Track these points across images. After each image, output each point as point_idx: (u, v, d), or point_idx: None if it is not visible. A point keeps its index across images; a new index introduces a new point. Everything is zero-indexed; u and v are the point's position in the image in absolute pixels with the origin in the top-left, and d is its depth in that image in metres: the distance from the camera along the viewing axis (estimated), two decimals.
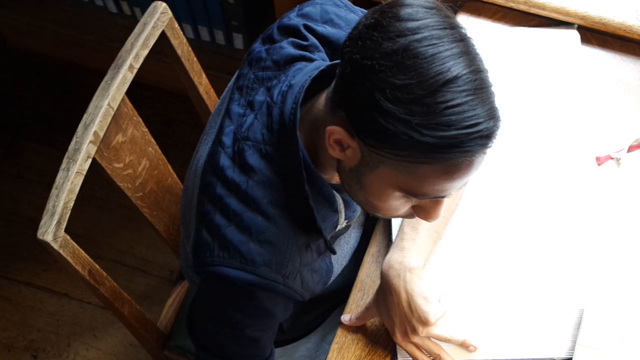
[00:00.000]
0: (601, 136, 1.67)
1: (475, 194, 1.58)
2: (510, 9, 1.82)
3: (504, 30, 1.80)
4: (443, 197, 1.12)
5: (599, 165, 1.64)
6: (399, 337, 1.43)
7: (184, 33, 1.66)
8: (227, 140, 1.26)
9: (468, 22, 1.80)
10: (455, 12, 1.83)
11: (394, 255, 1.43)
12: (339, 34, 1.33)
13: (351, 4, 1.41)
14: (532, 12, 1.80)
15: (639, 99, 1.71)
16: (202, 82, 1.78)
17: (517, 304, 1.48)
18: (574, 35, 1.77)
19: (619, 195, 1.60)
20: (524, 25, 1.79)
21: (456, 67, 0.98)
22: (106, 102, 1.45)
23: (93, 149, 1.44)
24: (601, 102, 1.71)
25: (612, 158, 1.65)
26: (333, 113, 1.11)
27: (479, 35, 1.71)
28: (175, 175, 1.78)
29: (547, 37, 1.78)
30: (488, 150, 1.05)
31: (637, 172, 1.63)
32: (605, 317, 1.44)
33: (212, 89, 1.83)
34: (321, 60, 1.30)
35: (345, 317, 1.51)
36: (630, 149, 1.66)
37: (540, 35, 1.78)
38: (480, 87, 1.00)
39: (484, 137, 1.01)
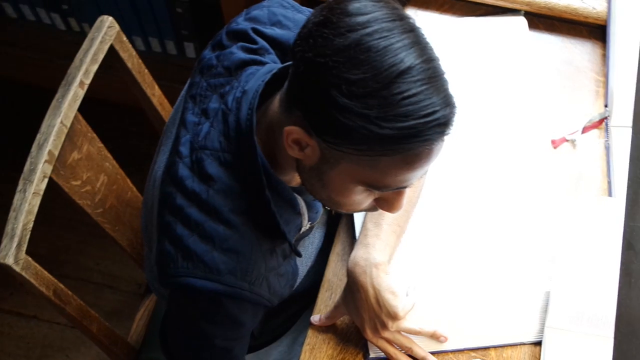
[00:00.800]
0: (555, 119, 1.68)
1: (435, 184, 1.59)
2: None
3: (452, 21, 1.81)
4: (405, 187, 1.12)
5: (554, 148, 1.65)
6: (369, 333, 1.43)
7: (134, 46, 1.66)
8: (184, 150, 1.25)
9: (416, 16, 1.81)
10: (403, 6, 1.84)
11: (358, 252, 1.44)
12: (288, 35, 1.33)
13: (298, 5, 1.41)
14: (478, 1, 1.81)
15: (589, 80, 1.73)
16: (155, 93, 1.77)
17: (484, 292, 1.49)
18: (521, 21, 1.79)
19: (576, 176, 1.62)
20: (471, 15, 1.81)
21: (409, 58, 0.99)
22: (59, 120, 1.44)
23: (49, 169, 1.43)
24: (553, 86, 1.73)
25: (567, 140, 1.66)
26: (289, 113, 1.11)
27: (428, 28, 1.74)
28: (135, 189, 1.77)
29: (495, 25, 1.79)
30: (446, 138, 1.06)
31: (592, 153, 1.65)
32: (571, 298, 1.45)
33: (165, 100, 1.82)
34: (273, 63, 1.29)
35: (315, 318, 1.51)
36: (585, 130, 1.67)
37: (488, 23, 1.80)
38: (433, 75, 1.01)
39: (442, 125, 1.02)
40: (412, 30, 1.02)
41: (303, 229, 1.38)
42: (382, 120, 0.99)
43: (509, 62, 1.74)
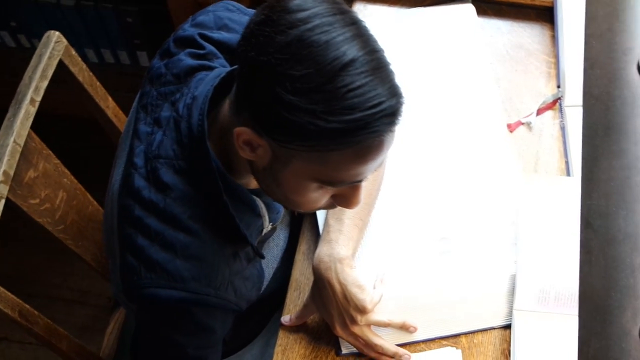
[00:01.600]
0: (510, 104, 1.70)
1: (396, 175, 1.59)
2: None
3: (402, 13, 1.81)
4: (360, 181, 1.12)
5: (511, 132, 1.66)
6: (339, 329, 1.43)
7: (87, 58, 1.65)
8: (139, 160, 1.24)
9: (365, 11, 1.81)
10: (352, 1, 1.84)
11: (322, 249, 1.44)
12: (235, 38, 1.33)
13: (243, 7, 1.41)
14: None
15: (540, 62, 1.75)
16: (109, 105, 1.76)
17: (451, 280, 1.50)
18: (469, 8, 1.80)
19: (534, 158, 1.63)
20: (420, 6, 1.81)
21: (351, 50, 0.99)
22: (11, 139, 1.43)
23: (5, 189, 1.42)
24: (505, 70, 1.74)
25: (522, 123, 1.67)
26: (238, 115, 1.11)
27: (378, 22, 1.74)
28: (95, 203, 1.76)
29: (444, 14, 1.80)
30: (397, 128, 1.06)
31: (548, 134, 1.66)
32: (536, 279, 1.46)
33: (120, 112, 1.81)
34: (221, 67, 1.29)
35: (285, 318, 1.51)
36: (539, 111, 1.69)
37: (437, 13, 1.81)
38: (377, 67, 1.01)
39: (389, 115, 1.02)
40: (353, 23, 1.02)
41: (265, 231, 1.37)
42: (329, 114, 0.99)
43: (460, 50, 1.75)
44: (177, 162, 1.21)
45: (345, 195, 1.17)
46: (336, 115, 0.99)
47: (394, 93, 1.02)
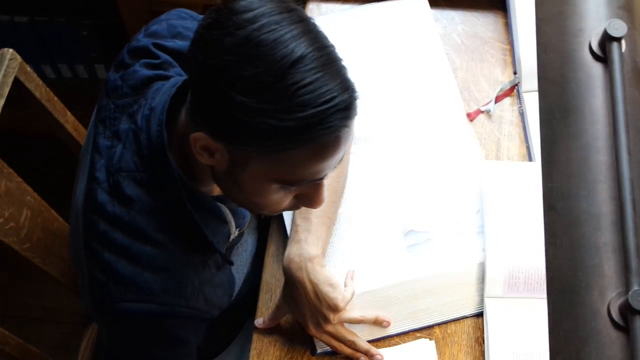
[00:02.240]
0: (468, 93, 1.71)
1: (358, 172, 1.59)
2: None
3: (355, 10, 1.81)
4: (320, 179, 1.12)
5: (471, 121, 1.67)
6: (312, 329, 1.43)
7: (44, 74, 1.64)
8: (101, 175, 1.24)
9: (319, 9, 1.81)
10: (306, 2, 1.84)
11: (292, 249, 1.44)
12: None
13: (195, 14, 1.41)
14: None
15: (495, 50, 1.76)
16: (68, 120, 1.75)
17: (421, 272, 1.50)
18: (422, 1, 1.81)
19: (495, 145, 1.64)
20: (373, 1, 1.81)
21: (299, 48, 0.99)
22: None
23: None
24: (461, 60, 1.75)
25: (482, 111, 1.69)
26: (194, 121, 1.11)
27: (332, 20, 1.75)
28: (61, 219, 1.75)
29: (397, 8, 1.81)
30: (356, 124, 1.07)
31: (508, 120, 1.67)
32: (505, 266, 1.47)
33: (80, 125, 1.80)
34: (177, 76, 1.29)
35: (259, 321, 1.50)
36: (498, 99, 1.70)
37: (391, 8, 1.81)
38: (327, 62, 1.01)
39: (343, 110, 1.02)
40: (301, 21, 1.02)
41: (232, 237, 1.37)
42: (281, 112, 0.99)
43: (415, 43, 1.75)
44: (139, 174, 1.21)
45: (308, 194, 1.17)
46: (289, 114, 0.99)
47: (346, 87, 1.02)
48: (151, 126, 1.19)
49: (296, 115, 0.99)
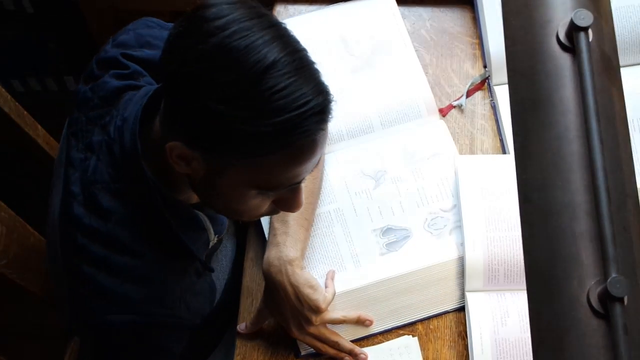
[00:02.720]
0: (440, 89, 1.71)
1: (334, 172, 1.59)
2: None
3: (323, 10, 1.81)
4: (298, 183, 1.12)
5: (444, 116, 1.68)
6: (295, 332, 1.43)
7: (12, 88, 1.62)
8: (76, 188, 1.23)
9: (287, 12, 1.81)
10: (274, 4, 1.84)
11: (271, 253, 1.43)
12: (158, 54, 1.32)
13: (162, 22, 1.40)
14: None
15: (465, 44, 1.77)
16: (39, 134, 1.74)
17: (400, 269, 1.50)
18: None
19: (469, 140, 1.65)
20: (340, 1, 1.81)
21: (272, 53, 0.99)
22: None
23: None
24: (431, 56, 1.75)
25: (454, 106, 1.69)
26: (169, 130, 1.10)
27: (300, 22, 1.74)
28: (37, 233, 1.73)
29: (365, 7, 1.80)
30: (331, 126, 1.07)
31: (480, 114, 1.68)
32: (484, 259, 1.48)
33: (52, 139, 1.79)
34: (148, 85, 1.28)
35: (241, 326, 1.50)
36: (469, 93, 1.71)
37: (358, 7, 1.81)
38: (300, 66, 1.01)
39: (318, 114, 1.02)
40: (272, 26, 1.02)
41: (211, 244, 1.37)
42: (257, 119, 0.99)
43: (384, 41, 1.75)
44: (114, 185, 1.20)
45: (286, 199, 1.17)
46: (264, 119, 0.99)
47: (320, 91, 1.02)
48: (124, 137, 1.19)
49: (272, 120, 0.99)
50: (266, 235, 1.51)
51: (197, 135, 1.04)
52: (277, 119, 0.99)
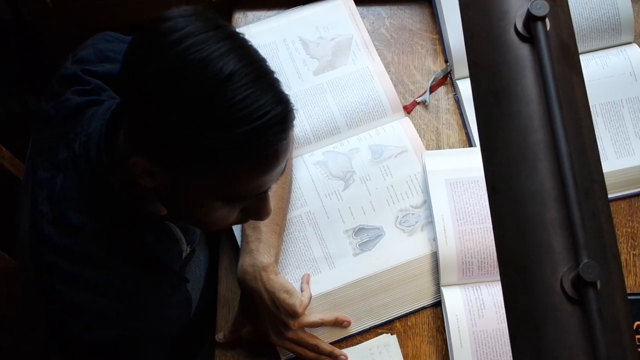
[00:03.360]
0: (404, 86, 1.72)
1: (302, 176, 1.59)
2: None
3: (282, 15, 1.81)
4: (264, 192, 1.12)
5: (408, 113, 1.68)
6: (273, 337, 1.43)
7: None
8: (44, 208, 1.22)
9: (246, 18, 1.81)
10: (232, 12, 1.83)
11: (244, 260, 1.43)
12: (119, 68, 1.32)
13: (121, 36, 1.40)
14: None
15: (425, 41, 1.77)
16: (4, 156, 1.72)
17: (374, 268, 1.51)
18: (347, 0, 1.81)
19: (435, 135, 1.65)
20: (298, 4, 1.81)
21: (228, 65, 0.98)
22: None
23: None
24: (392, 54, 1.76)
25: (418, 103, 1.69)
26: (131, 145, 1.09)
27: (260, 28, 1.74)
28: (7, 256, 1.72)
29: (323, 9, 1.80)
30: (295, 129, 1.06)
31: (445, 109, 1.69)
32: (457, 253, 1.48)
33: (17, 160, 1.77)
34: (111, 100, 1.27)
35: (219, 335, 1.50)
36: (432, 89, 1.71)
37: (317, 9, 1.81)
38: (258, 77, 1.00)
39: (278, 124, 1.01)
40: (228, 37, 1.01)
41: (184, 254, 1.37)
42: (216, 132, 0.98)
43: (345, 42, 1.75)
44: (83, 202, 1.19)
45: (253, 208, 1.16)
46: (224, 132, 0.98)
47: (280, 100, 1.02)
48: (90, 152, 1.18)
49: (232, 133, 0.98)
50: (239, 243, 1.51)
51: (158, 150, 1.03)
52: (237, 132, 0.98)
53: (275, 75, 1.04)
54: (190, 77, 0.98)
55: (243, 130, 0.98)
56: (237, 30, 1.61)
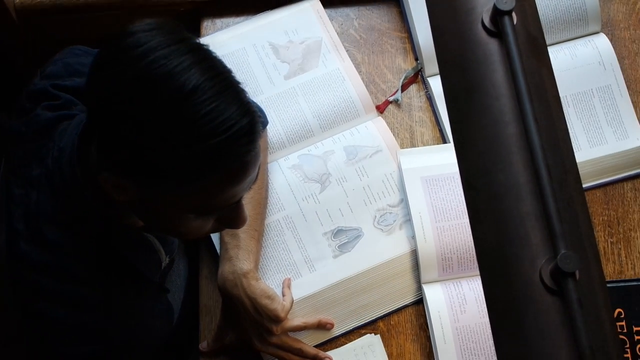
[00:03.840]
0: (375, 86, 1.72)
1: (279, 180, 1.59)
2: None
3: (251, 20, 1.81)
4: (237, 202, 1.12)
5: (381, 113, 1.69)
6: (257, 344, 1.43)
7: None
8: (20, 225, 1.21)
9: (215, 26, 1.80)
10: (200, 20, 1.83)
11: (224, 267, 1.43)
12: None
13: (90, 49, 1.39)
14: None
15: (394, 40, 1.77)
16: None
17: (354, 269, 1.51)
18: (315, 3, 1.81)
19: (409, 133, 1.66)
20: (266, 9, 1.81)
21: (191, 79, 0.97)
22: None
23: None
24: (362, 55, 1.76)
25: (390, 102, 1.70)
26: (101, 159, 1.09)
27: (229, 34, 1.74)
28: None
29: (292, 13, 1.80)
30: (269, 134, 1.06)
31: (417, 106, 1.69)
32: (437, 249, 1.49)
33: None
34: (82, 114, 1.27)
35: (203, 344, 1.49)
36: (404, 87, 1.72)
37: (286, 13, 1.80)
38: (222, 90, 0.99)
39: (245, 135, 1.01)
40: (191, 50, 1.00)
41: (163, 264, 1.36)
42: (182, 147, 0.98)
43: (315, 45, 1.75)
44: (58, 217, 1.19)
45: (228, 217, 1.16)
46: (190, 147, 0.98)
47: (245, 112, 1.01)
48: (63, 167, 1.17)
49: (198, 147, 0.98)
50: (218, 251, 1.50)
51: (126, 165, 1.03)
52: (203, 146, 0.98)
53: (241, 86, 1.03)
54: (154, 92, 0.97)
55: (210, 144, 0.98)
56: (206, 38, 1.63)
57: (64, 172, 1.17)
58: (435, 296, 1.47)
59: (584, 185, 1.59)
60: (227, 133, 0.98)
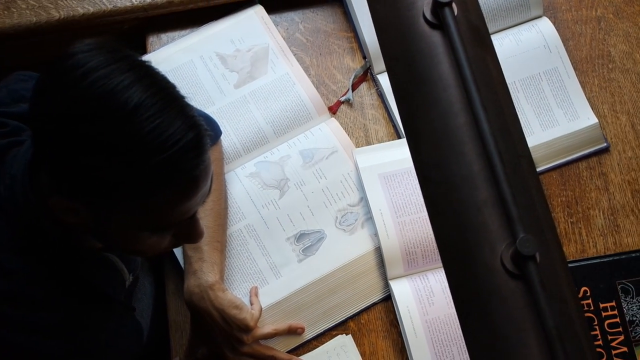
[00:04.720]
0: (324, 88, 1.72)
1: (237, 189, 1.59)
2: (187, 11, 1.80)
3: (196, 32, 1.80)
4: (192, 216, 1.11)
5: (334, 114, 1.69)
6: (230, 355, 1.42)
7: None
8: None
9: (160, 41, 1.79)
10: (145, 36, 1.81)
11: (190, 282, 1.42)
12: None
13: (35, 74, 1.37)
14: (211, 5, 1.81)
15: (341, 40, 1.78)
16: None
17: (320, 271, 1.51)
18: (258, 9, 1.80)
19: (363, 131, 1.66)
20: (210, 21, 1.80)
21: (133, 97, 0.97)
22: None
23: None
24: (310, 57, 1.76)
25: (342, 102, 1.70)
26: (52, 183, 1.08)
27: (175, 48, 1.73)
28: None
29: (237, 22, 1.80)
30: (224, 144, 1.05)
31: (369, 104, 1.70)
32: (400, 245, 1.49)
33: None
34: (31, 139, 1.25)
35: None
36: (354, 86, 1.72)
37: (230, 22, 1.80)
38: (165, 106, 0.99)
39: (192, 149, 1.00)
40: (132, 68, 1.00)
41: (127, 283, 1.35)
42: (129, 166, 0.97)
43: (262, 51, 1.75)
44: (14, 244, 1.17)
45: (184, 232, 1.15)
46: (136, 165, 0.97)
47: (191, 126, 1.01)
48: (16, 195, 1.16)
49: (145, 165, 0.97)
50: (182, 266, 1.50)
51: (74, 188, 1.02)
52: (150, 163, 0.97)
53: (185, 100, 1.03)
54: (96, 113, 0.96)
55: (156, 160, 0.97)
56: (152, 53, 1.62)
57: (17, 199, 1.16)
58: (403, 291, 1.47)
59: (539, 168, 1.60)
60: (173, 148, 0.98)
